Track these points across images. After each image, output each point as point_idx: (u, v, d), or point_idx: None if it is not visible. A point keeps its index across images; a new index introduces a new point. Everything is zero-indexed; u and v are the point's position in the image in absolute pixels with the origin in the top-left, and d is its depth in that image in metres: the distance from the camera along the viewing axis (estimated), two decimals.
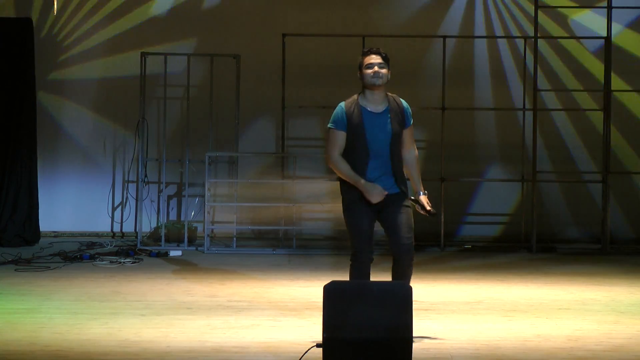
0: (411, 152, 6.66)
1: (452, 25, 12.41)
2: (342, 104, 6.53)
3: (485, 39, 12.52)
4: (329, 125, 6.53)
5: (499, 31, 12.51)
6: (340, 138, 6.47)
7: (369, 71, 6.44)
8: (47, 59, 12.38)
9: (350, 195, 6.49)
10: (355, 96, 6.55)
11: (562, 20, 12.49)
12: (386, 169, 6.48)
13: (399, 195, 6.50)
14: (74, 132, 12.58)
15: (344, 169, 6.45)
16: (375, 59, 6.47)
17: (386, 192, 6.41)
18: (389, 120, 6.48)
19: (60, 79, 12.59)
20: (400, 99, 6.60)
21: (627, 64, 12.33)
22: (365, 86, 6.51)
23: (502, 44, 12.49)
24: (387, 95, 6.55)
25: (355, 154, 6.44)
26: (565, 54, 12.53)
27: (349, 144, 6.47)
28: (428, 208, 6.60)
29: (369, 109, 6.48)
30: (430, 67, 12.19)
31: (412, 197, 6.63)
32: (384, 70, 6.46)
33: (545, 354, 6.24)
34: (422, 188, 6.66)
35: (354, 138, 6.44)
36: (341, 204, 6.59)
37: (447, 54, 11.90)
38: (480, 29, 12.48)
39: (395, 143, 6.49)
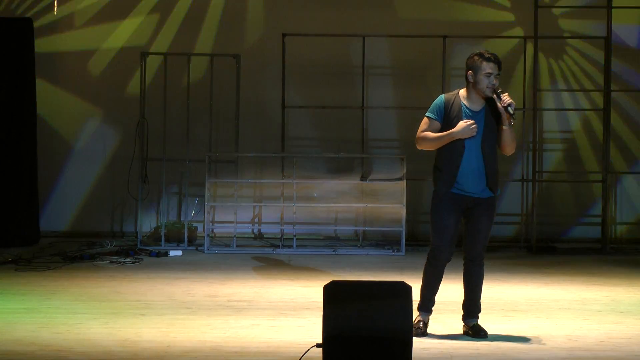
0: None
1: (452, 25, 12.38)
2: (443, 96, 6.75)
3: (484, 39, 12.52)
4: (426, 114, 6.71)
5: (499, 32, 12.50)
6: (432, 126, 6.67)
7: (487, 80, 6.58)
8: (47, 58, 12.37)
9: (442, 190, 6.67)
10: (457, 91, 6.75)
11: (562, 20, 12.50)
12: (478, 167, 6.61)
13: (489, 200, 6.65)
14: (74, 132, 12.57)
15: (430, 135, 6.63)
16: (495, 69, 6.61)
17: (475, 125, 6.50)
18: (483, 120, 6.62)
19: (61, 78, 12.58)
20: None
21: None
22: (475, 89, 6.66)
23: (502, 43, 12.45)
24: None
25: (451, 144, 6.58)
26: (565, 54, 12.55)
27: None
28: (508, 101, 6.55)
29: (467, 106, 6.64)
30: (430, 67, 12.17)
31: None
32: (498, 82, 6.60)
33: (545, 354, 6.24)
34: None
35: (450, 129, 6.58)
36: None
37: (447, 54, 11.89)
38: (480, 28, 12.45)
39: (488, 142, 6.60)
